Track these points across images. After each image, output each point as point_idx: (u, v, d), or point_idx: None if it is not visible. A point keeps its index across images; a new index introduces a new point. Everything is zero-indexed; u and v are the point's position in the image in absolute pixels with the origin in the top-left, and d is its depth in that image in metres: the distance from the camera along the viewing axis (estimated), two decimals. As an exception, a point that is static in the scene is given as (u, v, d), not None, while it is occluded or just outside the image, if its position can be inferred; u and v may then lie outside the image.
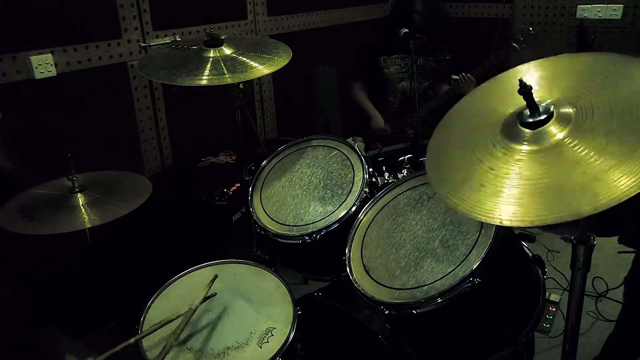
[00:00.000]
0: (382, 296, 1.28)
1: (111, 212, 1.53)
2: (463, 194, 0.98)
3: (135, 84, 2.28)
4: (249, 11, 2.75)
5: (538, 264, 1.37)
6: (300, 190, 1.69)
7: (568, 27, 3.25)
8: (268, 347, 1.27)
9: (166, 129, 2.45)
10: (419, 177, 1.54)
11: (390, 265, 1.34)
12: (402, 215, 1.46)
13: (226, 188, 2.18)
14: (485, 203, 0.94)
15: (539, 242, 2.81)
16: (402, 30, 2.55)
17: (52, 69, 1.93)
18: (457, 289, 1.17)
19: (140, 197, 1.62)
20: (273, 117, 3.08)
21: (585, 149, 0.90)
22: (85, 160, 1.70)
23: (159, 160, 2.45)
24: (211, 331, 1.33)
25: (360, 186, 1.60)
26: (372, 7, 3.63)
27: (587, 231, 1.06)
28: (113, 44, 2.15)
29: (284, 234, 1.59)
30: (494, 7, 3.51)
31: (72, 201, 1.57)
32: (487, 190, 0.96)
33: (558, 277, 2.47)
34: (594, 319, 2.26)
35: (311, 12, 3.13)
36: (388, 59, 2.99)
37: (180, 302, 1.42)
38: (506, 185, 0.94)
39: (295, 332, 1.31)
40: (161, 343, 1.29)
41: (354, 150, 1.72)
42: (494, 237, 1.22)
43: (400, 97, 3.01)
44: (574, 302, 1.16)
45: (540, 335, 2.14)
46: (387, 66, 2.99)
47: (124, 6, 2.16)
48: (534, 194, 0.90)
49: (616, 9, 3.05)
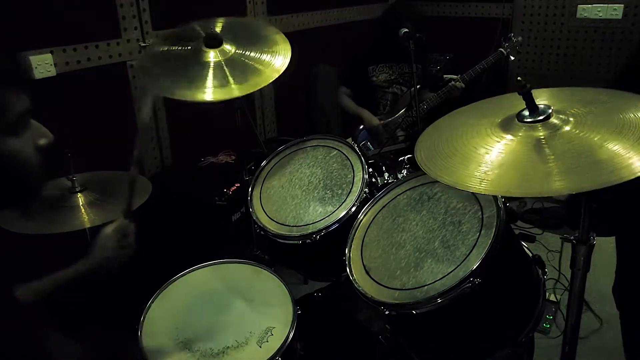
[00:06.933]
0: (382, 296, 1.28)
1: (111, 212, 1.53)
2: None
3: (135, 84, 2.28)
4: (249, 11, 2.75)
5: (538, 264, 1.37)
6: (300, 191, 1.69)
7: (568, 27, 3.25)
8: (268, 347, 1.27)
9: (166, 129, 2.45)
10: (419, 177, 1.54)
11: (390, 266, 1.34)
12: (402, 215, 1.46)
13: (226, 188, 2.18)
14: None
15: (539, 242, 2.81)
16: (402, 30, 2.55)
17: (51, 69, 1.93)
18: (457, 290, 1.17)
19: (140, 197, 1.62)
20: (273, 117, 3.08)
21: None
22: (85, 160, 1.70)
23: (159, 160, 2.45)
24: (211, 331, 1.33)
25: (360, 186, 1.60)
26: (372, 6, 3.63)
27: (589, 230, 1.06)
28: (112, 44, 2.15)
29: (284, 234, 1.59)
30: (494, 7, 3.51)
31: (72, 201, 1.57)
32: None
33: (559, 278, 2.47)
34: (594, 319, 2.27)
35: (311, 11, 3.13)
36: (376, 68, 3.00)
37: (180, 302, 1.43)
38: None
39: (294, 331, 1.31)
40: (162, 343, 1.29)
41: (354, 150, 1.72)
42: (494, 237, 1.22)
43: (390, 99, 3.02)
44: (573, 302, 1.16)
45: (540, 335, 2.15)
46: (376, 75, 3.00)
47: (123, 6, 2.16)
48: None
49: (617, 8, 3.05)
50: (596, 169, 0.89)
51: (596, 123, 0.98)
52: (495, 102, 1.27)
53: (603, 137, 0.94)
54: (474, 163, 1.02)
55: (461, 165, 1.03)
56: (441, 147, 1.12)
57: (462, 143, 1.09)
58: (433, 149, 1.14)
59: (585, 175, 0.88)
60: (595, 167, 0.89)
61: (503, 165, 0.99)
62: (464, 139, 1.10)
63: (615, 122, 0.96)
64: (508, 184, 0.96)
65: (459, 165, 1.04)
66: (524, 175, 0.95)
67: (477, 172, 0.98)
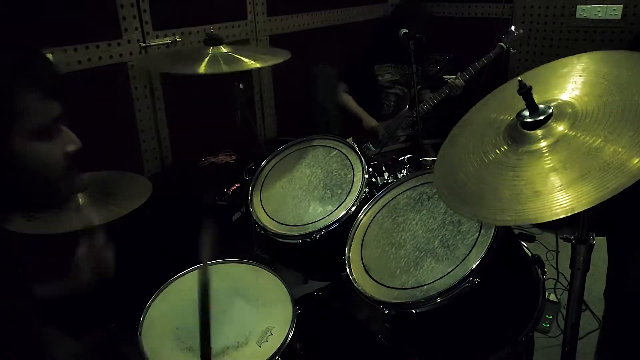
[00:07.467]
0: (381, 296, 1.28)
1: (111, 212, 1.53)
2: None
3: (135, 84, 2.28)
4: (249, 11, 2.75)
5: (538, 264, 1.37)
6: (300, 190, 1.69)
7: (568, 27, 3.25)
8: (267, 347, 1.27)
9: (166, 129, 2.45)
10: (418, 177, 1.54)
11: (390, 265, 1.34)
12: (402, 215, 1.46)
13: (226, 188, 2.18)
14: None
15: (539, 242, 2.81)
16: (402, 30, 2.55)
17: (52, 69, 1.93)
18: (456, 289, 1.17)
19: (140, 197, 1.62)
20: (273, 117, 3.08)
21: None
22: (85, 160, 1.70)
23: (159, 160, 2.45)
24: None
25: (359, 186, 1.60)
26: (372, 7, 3.63)
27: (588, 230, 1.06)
28: (113, 44, 2.15)
29: (284, 233, 1.59)
30: (494, 7, 3.51)
31: (72, 201, 1.57)
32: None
33: (558, 277, 2.47)
34: (594, 319, 2.26)
35: (311, 12, 3.13)
36: (382, 67, 2.98)
37: (180, 302, 1.43)
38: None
39: (294, 331, 1.31)
40: (161, 343, 1.29)
41: (354, 150, 1.72)
42: (494, 237, 1.22)
43: (394, 100, 3.01)
44: (573, 302, 1.16)
45: (540, 335, 2.14)
46: (382, 74, 2.97)
47: (124, 6, 2.16)
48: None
49: (616, 9, 3.05)
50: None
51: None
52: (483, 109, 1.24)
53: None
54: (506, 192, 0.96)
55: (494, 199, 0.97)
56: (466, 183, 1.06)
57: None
58: (456, 187, 1.08)
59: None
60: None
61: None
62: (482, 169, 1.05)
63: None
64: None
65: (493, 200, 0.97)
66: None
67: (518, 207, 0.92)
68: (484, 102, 1.25)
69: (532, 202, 0.90)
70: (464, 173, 1.07)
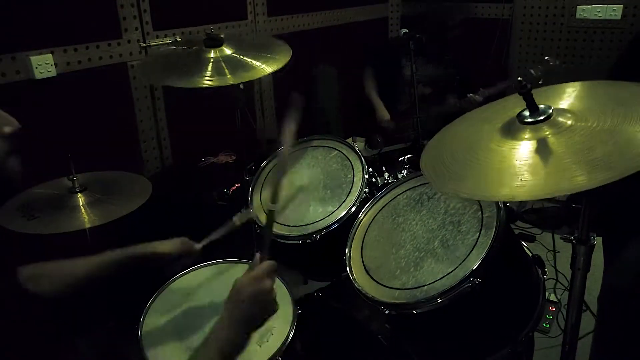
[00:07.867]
0: (382, 296, 1.28)
1: (111, 212, 1.53)
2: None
3: (135, 84, 2.28)
4: (249, 11, 2.75)
5: (538, 264, 1.37)
6: (300, 191, 1.69)
7: (568, 27, 3.25)
8: (268, 347, 1.27)
9: (166, 129, 2.45)
10: (418, 177, 1.54)
11: (390, 266, 1.34)
12: (402, 215, 1.46)
13: (226, 188, 2.18)
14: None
15: (539, 242, 2.81)
16: (402, 30, 2.55)
17: (52, 69, 1.93)
18: (457, 289, 1.17)
19: (140, 197, 1.62)
20: (273, 117, 3.08)
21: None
22: (85, 160, 1.70)
23: (159, 160, 2.45)
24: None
25: (360, 186, 1.60)
26: (372, 7, 3.63)
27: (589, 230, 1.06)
28: (113, 44, 2.15)
29: (284, 234, 1.59)
30: (494, 8, 3.51)
31: (72, 201, 1.57)
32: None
33: (558, 277, 2.47)
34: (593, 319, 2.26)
35: (311, 12, 3.13)
36: (407, 62, 2.95)
37: (180, 302, 1.42)
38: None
39: (295, 331, 1.31)
40: (161, 343, 1.29)
41: (354, 150, 1.72)
42: (494, 237, 1.22)
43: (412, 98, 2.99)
44: (573, 302, 1.16)
45: (540, 335, 2.14)
46: (406, 69, 2.96)
47: (124, 6, 2.16)
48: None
49: (616, 9, 3.05)
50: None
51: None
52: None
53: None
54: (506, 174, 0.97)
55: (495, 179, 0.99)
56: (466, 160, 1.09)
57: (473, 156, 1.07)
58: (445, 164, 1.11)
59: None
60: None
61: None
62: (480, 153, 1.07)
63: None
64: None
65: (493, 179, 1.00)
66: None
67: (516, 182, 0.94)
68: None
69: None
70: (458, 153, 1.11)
